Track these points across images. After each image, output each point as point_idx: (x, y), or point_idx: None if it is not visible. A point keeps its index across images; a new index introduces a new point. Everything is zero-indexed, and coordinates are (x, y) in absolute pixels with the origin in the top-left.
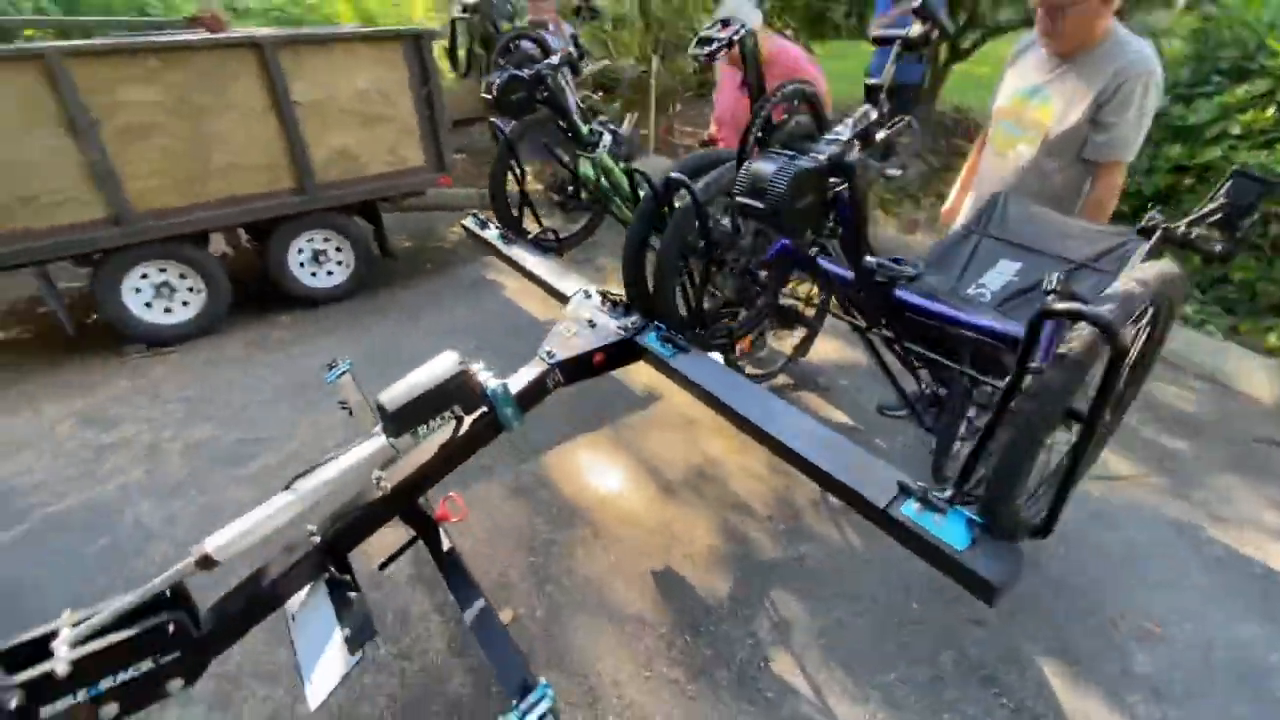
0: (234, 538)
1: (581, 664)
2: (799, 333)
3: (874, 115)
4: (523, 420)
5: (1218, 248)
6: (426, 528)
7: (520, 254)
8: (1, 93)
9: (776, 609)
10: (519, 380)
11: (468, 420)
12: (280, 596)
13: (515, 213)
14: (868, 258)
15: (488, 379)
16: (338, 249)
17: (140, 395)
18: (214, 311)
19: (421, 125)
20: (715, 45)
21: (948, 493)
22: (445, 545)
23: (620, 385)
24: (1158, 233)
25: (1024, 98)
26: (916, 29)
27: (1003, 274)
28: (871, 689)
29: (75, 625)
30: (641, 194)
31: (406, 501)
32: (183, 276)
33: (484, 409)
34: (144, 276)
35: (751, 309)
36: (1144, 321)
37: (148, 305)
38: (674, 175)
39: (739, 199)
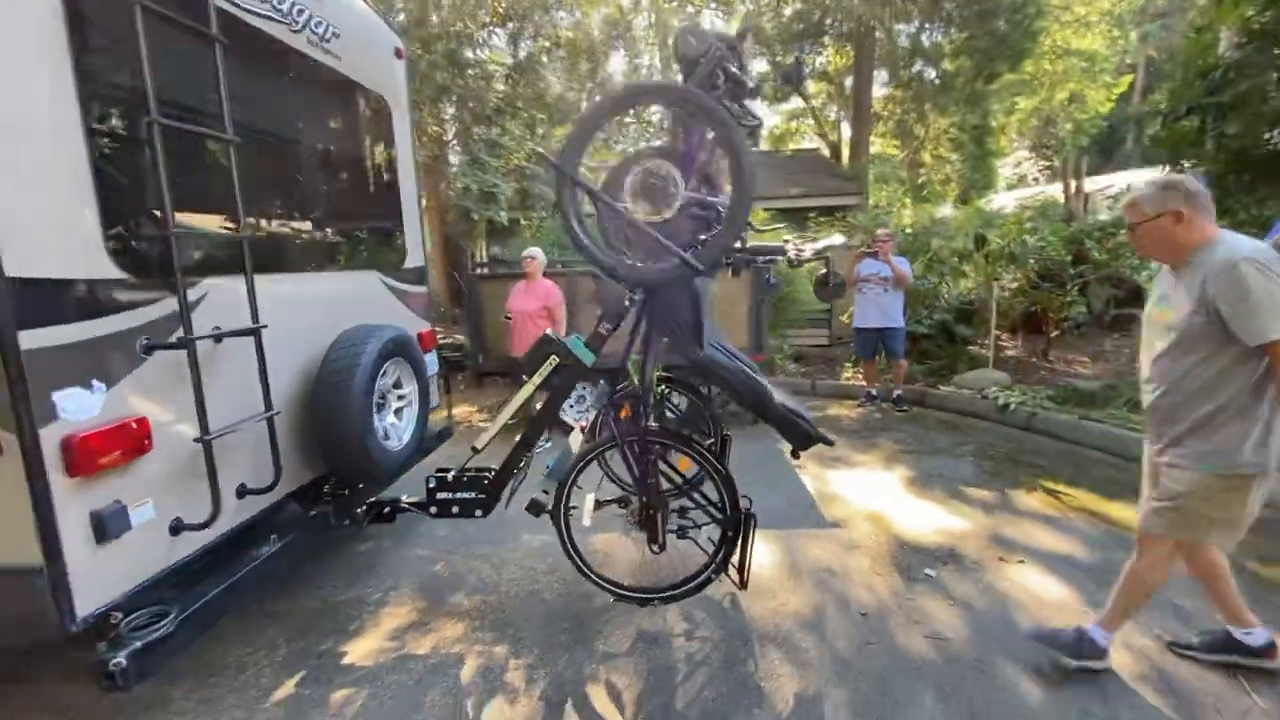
0: (484, 436)
1: None
2: None
3: None
4: (593, 358)
5: None
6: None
7: None
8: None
9: None
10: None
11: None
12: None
13: None
14: None
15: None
16: None
17: None
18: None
19: (750, 319)
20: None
21: None
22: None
23: None
24: None
25: (1155, 304)
26: None
27: None
28: None
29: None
30: None
31: (555, 413)
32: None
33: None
34: None
35: None
36: None
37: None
38: None
39: None
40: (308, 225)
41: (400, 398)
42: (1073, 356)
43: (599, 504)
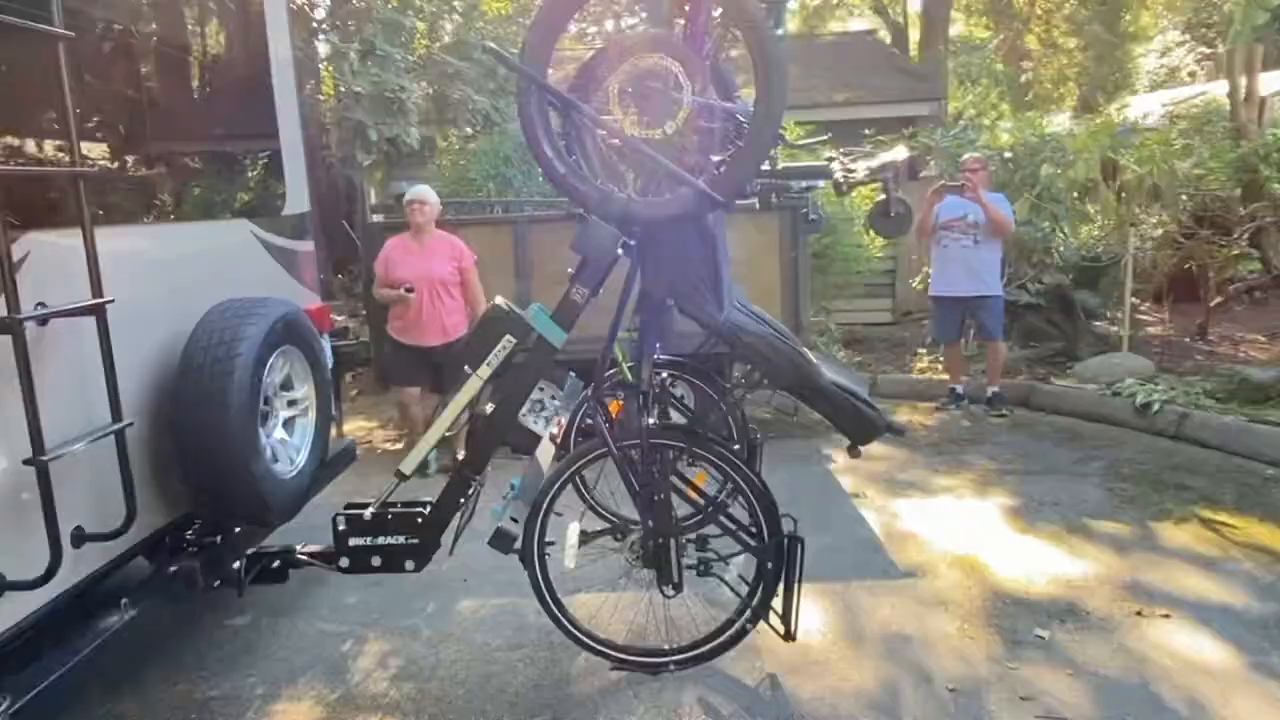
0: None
1: None
2: None
3: None
4: (564, 336)
5: None
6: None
7: None
8: (496, 241)
9: None
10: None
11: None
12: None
13: None
14: None
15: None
16: None
17: None
18: None
19: (782, 281)
20: None
21: None
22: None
23: None
24: None
25: None
26: None
27: None
28: None
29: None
30: None
31: (511, 420)
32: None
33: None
34: None
35: None
36: None
37: None
38: None
39: None
40: (156, 156)
41: (291, 403)
42: (1242, 334)
43: (585, 536)
